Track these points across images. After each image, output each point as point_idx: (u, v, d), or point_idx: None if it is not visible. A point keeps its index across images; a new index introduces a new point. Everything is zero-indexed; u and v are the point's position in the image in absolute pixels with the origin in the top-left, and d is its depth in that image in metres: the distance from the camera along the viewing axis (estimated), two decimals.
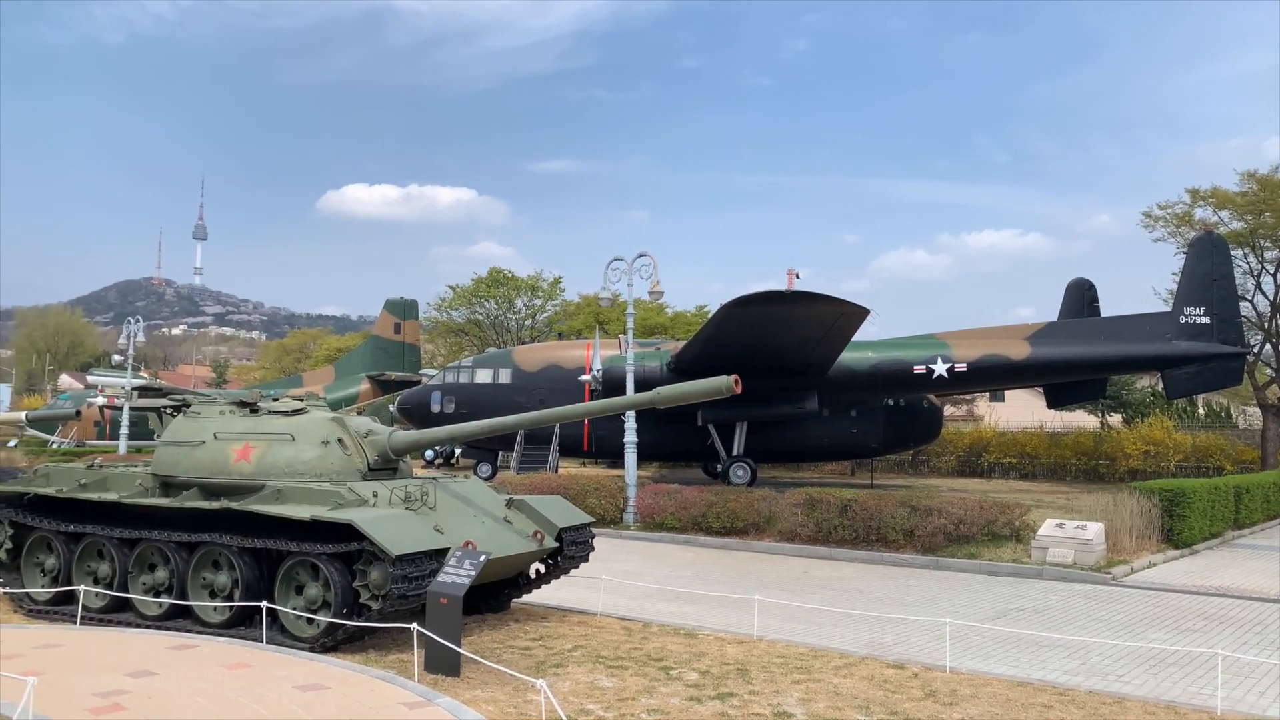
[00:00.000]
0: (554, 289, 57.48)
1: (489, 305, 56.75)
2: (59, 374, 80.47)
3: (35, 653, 8.87)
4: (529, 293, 57.05)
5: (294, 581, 9.72)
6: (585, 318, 50.93)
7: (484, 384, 31.38)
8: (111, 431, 38.60)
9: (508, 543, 10.38)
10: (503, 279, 56.44)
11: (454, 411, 30.45)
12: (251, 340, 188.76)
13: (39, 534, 11.38)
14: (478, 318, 57.22)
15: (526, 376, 31.07)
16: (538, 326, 57.29)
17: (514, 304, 56.85)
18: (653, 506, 20.47)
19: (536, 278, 57.19)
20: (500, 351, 35.60)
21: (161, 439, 11.51)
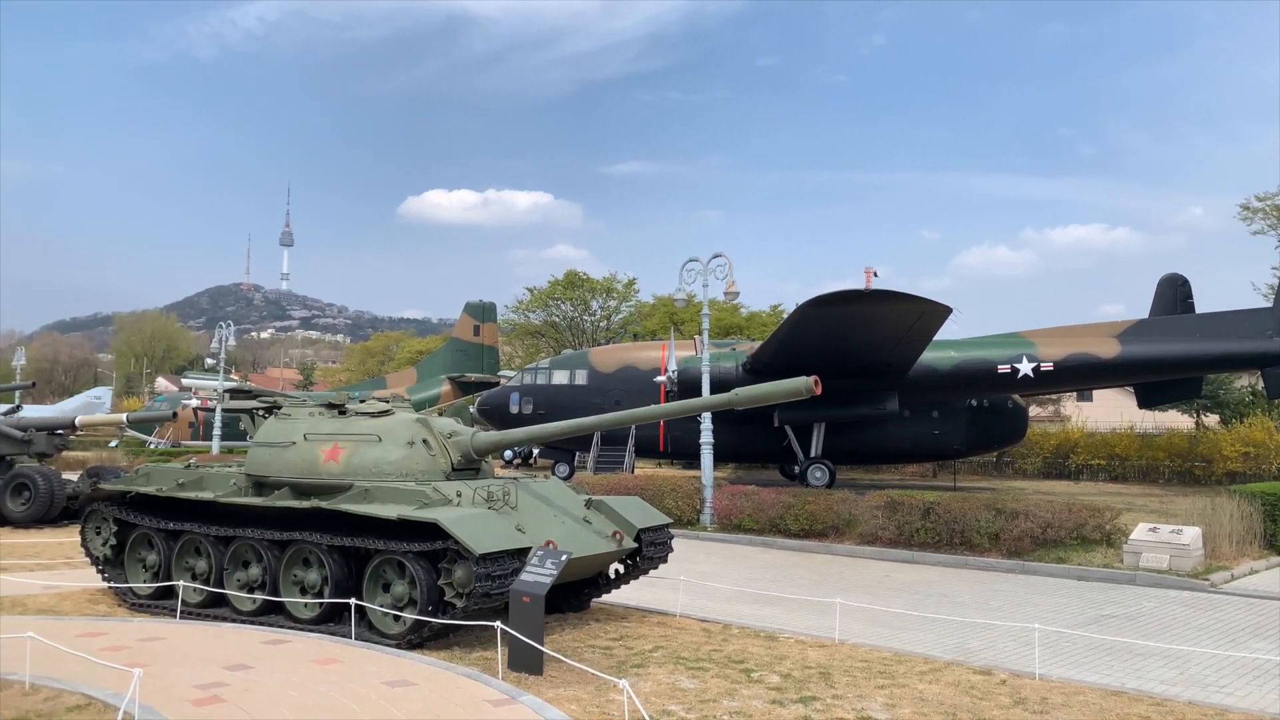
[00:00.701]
0: (628, 290, 57.78)
1: (565, 307, 57.31)
2: (155, 377, 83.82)
3: (139, 645, 9.25)
4: (604, 294, 57.44)
5: (381, 579, 9.95)
6: (660, 319, 51.02)
7: (561, 385, 31.69)
8: (205, 432, 40.08)
9: (587, 543, 10.46)
10: (578, 281, 56.94)
11: (532, 412, 30.82)
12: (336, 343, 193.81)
13: (141, 531, 11.86)
14: (554, 320, 57.84)
15: (603, 378, 31.26)
16: (613, 328, 57.62)
17: (589, 306, 57.31)
18: (730, 508, 20.40)
19: (611, 279, 57.55)
20: (577, 353, 35.87)
21: (254, 440, 11.89)
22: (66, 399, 56.97)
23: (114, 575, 12.05)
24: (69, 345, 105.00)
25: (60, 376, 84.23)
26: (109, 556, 12.12)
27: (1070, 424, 42.13)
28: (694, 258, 22.82)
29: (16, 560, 15.32)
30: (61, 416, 26.52)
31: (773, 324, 45.35)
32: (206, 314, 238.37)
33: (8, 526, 19.95)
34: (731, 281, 22.24)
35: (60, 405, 49.85)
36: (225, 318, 41.24)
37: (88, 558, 12.50)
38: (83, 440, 40.12)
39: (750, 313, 51.18)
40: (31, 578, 13.28)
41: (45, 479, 20.24)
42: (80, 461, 33.46)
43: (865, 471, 35.63)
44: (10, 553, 16.27)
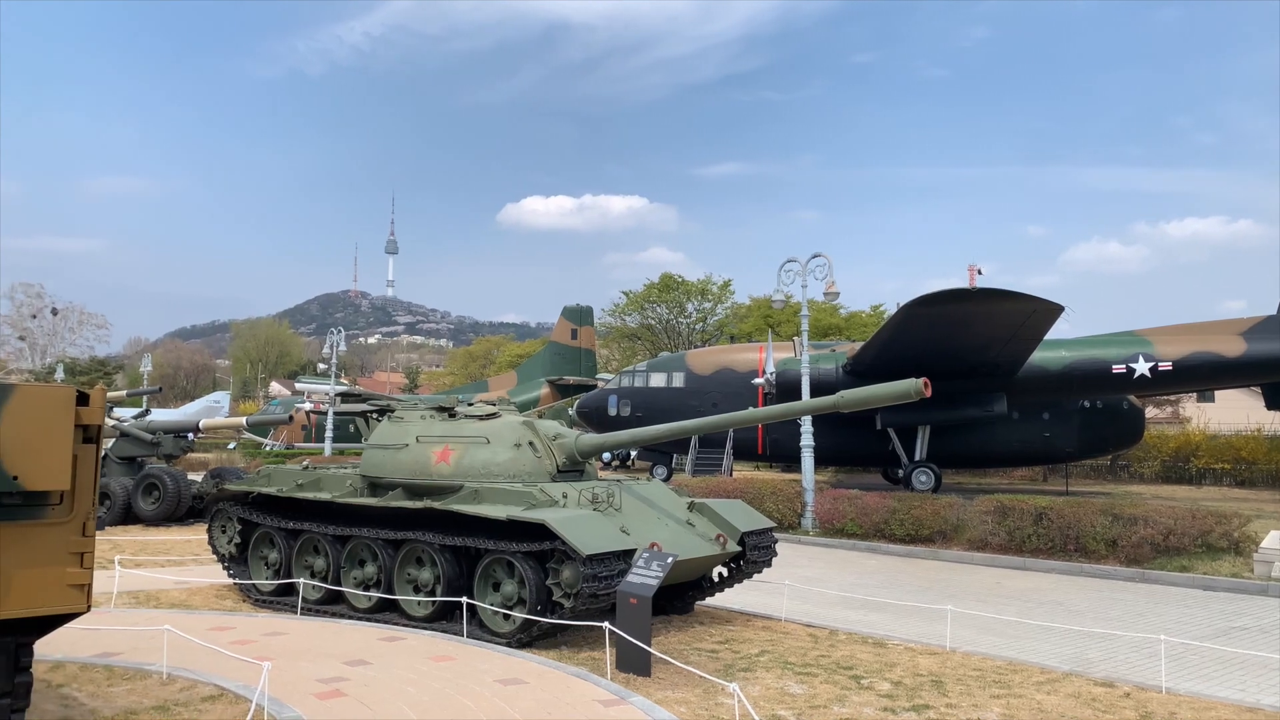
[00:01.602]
0: (724, 292, 57.63)
1: (661, 310, 57.51)
2: (269, 381, 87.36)
3: (264, 639, 9.67)
4: (699, 296, 57.43)
5: (491, 578, 10.17)
6: (756, 320, 50.73)
7: (658, 388, 31.81)
8: (317, 435, 41.56)
9: (691, 545, 10.48)
10: (673, 284, 57.07)
11: (630, 415, 31.02)
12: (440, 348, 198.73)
13: (263, 530, 12.39)
14: (650, 322, 58.11)
15: (700, 380, 31.26)
16: (709, 330, 57.56)
17: (685, 308, 57.37)
18: (832, 512, 20.13)
19: (706, 281, 57.49)
20: (673, 355, 35.95)
21: (368, 442, 12.29)
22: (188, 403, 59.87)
23: (238, 572, 12.61)
24: (189, 352, 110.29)
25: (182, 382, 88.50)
26: (234, 554, 12.69)
27: (1191, 426, 40.22)
28: (792, 258, 22.64)
29: (149, 556, 16.19)
30: (186, 420, 27.91)
31: (873, 324, 44.57)
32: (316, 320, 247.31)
33: (139, 524, 21.08)
34: (831, 281, 21.97)
35: (183, 409, 52.45)
36: (334, 324, 42.78)
37: (214, 555, 13.12)
38: (203, 442, 42.06)
39: (850, 313, 50.43)
40: (163, 573, 14.00)
41: (173, 479, 21.32)
42: (202, 463, 35.12)
43: (971, 475, 34.71)
44: (143, 549, 17.20)
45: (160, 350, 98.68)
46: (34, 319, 55.95)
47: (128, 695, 7.67)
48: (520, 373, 53.13)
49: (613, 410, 31.93)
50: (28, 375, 53.18)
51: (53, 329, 56.67)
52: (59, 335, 57.59)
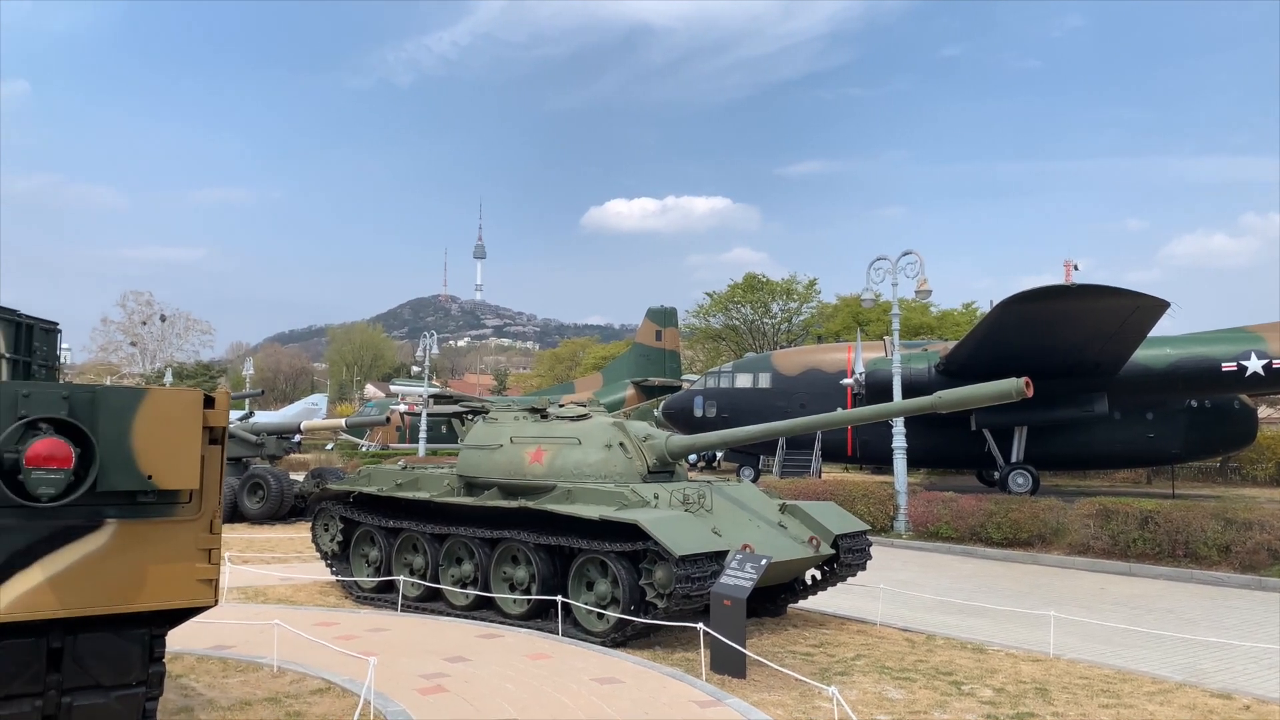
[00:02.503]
0: (809, 291, 57.01)
1: (745, 310, 57.20)
2: (364, 384, 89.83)
3: (367, 635, 9.96)
4: (784, 296, 56.93)
5: (585, 578, 10.28)
6: (843, 319, 50.04)
7: (744, 389, 31.62)
8: (411, 435, 42.56)
9: (784, 547, 10.41)
10: (758, 284, 56.70)
11: (715, 416, 30.93)
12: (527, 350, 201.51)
13: (364, 528, 12.76)
14: (734, 323, 57.85)
15: (786, 381, 30.97)
16: (794, 330, 57.03)
17: (769, 308, 56.95)
18: (926, 514, 19.75)
19: (791, 281, 56.97)
20: (759, 356, 35.72)
21: (464, 443, 12.55)
22: (287, 405, 62.00)
23: (340, 569, 13.01)
24: (288, 355, 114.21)
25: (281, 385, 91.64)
26: (336, 552, 13.09)
27: None
28: (882, 256, 22.30)
29: (255, 553, 16.82)
30: (287, 421, 28.90)
31: (966, 323, 43.55)
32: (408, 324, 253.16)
33: (244, 523, 21.93)
34: (923, 279, 21.56)
35: (283, 411, 54.37)
36: (425, 328, 43.73)
37: (317, 552, 13.56)
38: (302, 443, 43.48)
39: (941, 311, 49.33)
40: (269, 570, 14.54)
41: (276, 479, 22.11)
42: (301, 463, 36.32)
43: (1071, 477, 33.61)
44: (249, 546, 17.88)
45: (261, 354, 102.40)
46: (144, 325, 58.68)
47: (241, 687, 7.99)
48: (605, 374, 53.52)
49: (698, 411, 31.88)
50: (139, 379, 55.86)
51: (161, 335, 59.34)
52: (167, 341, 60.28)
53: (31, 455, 3.73)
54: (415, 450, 36.89)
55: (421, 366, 38.52)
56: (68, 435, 3.86)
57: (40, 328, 6.10)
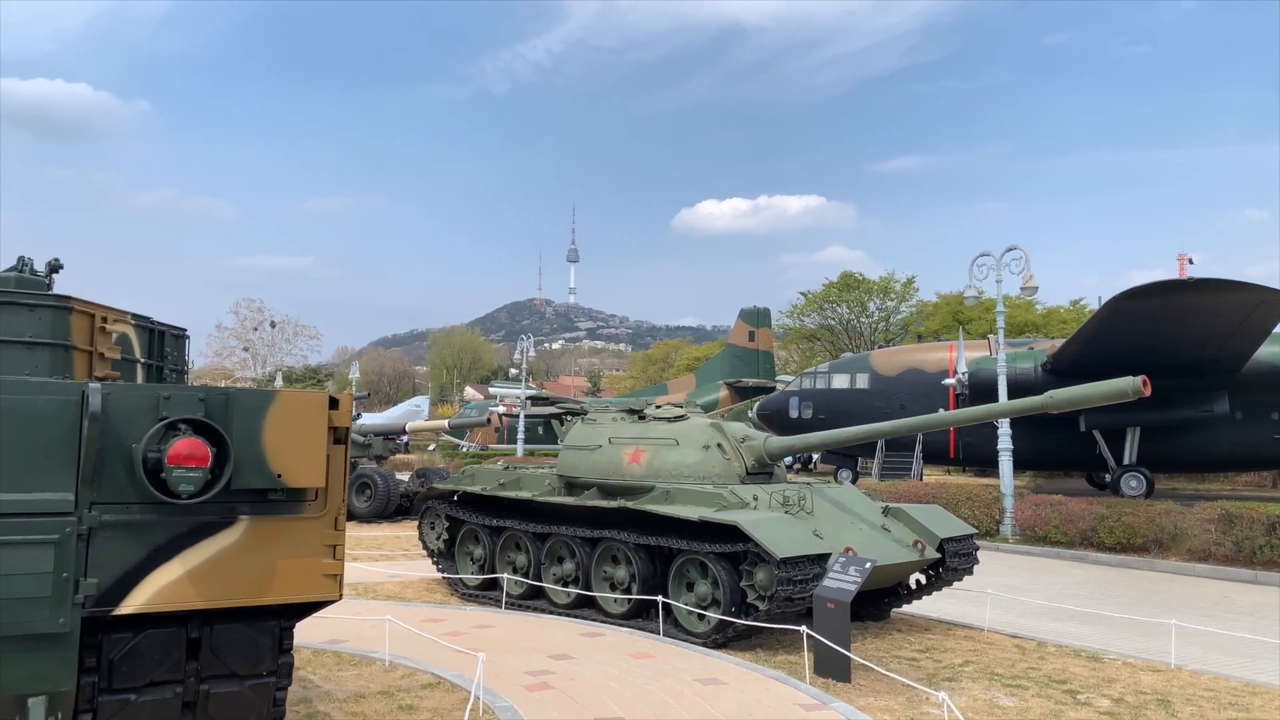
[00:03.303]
0: (907, 290, 55.89)
1: (841, 310, 56.41)
2: (464, 386, 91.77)
3: (473, 631, 10.18)
4: (881, 295, 55.94)
5: (685, 578, 10.30)
6: (943, 318, 48.90)
7: (841, 389, 31.19)
8: (509, 436, 43.31)
9: (888, 551, 10.24)
10: (853, 282, 55.85)
11: (811, 417, 30.57)
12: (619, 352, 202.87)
13: (468, 527, 13.05)
14: (830, 323, 57.10)
15: (885, 381, 30.43)
16: (892, 329, 55.98)
17: (866, 307, 56.03)
18: (1033, 518, 19.15)
19: (889, 279, 55.93)
20: (857, 356, 35.18)
21: (563, 443, 12.73)
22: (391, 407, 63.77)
23: (446, 566, 13.34)
24: (391, 359, 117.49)
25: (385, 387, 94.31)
26: (441, 550, 13.42)
27: None
28: (985, 252, 21.72)
29: (364, 551, 17.37)
30: (392, 423, 29.74)
31: (1073, 321, 42.05)
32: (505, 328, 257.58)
33: (352, 521, 22.66)
34: (1029, 276, 20.91)
35: (388, 413, 55.92)
36: (521, 331, 44.40)
37: (424, 550, 13.93)
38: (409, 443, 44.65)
39: (1047, 309, 47.74)
40: (378, 567, 15.00)
41: (383, 479, 22.79)
42: (405, 463, 37.33)
43: (1188, 480, 32.14)
44: (357, 544, 18.47)
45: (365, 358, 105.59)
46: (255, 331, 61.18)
47: (355, 680, 8.26)
48: (698, 375, 53.48)
49: (794, 412, 31.57)
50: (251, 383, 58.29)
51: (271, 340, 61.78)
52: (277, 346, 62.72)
53: (172, 454, 3.96)
54: (514, 451, 37.52)
55: (519, 369, 39.17)
56: (205, 435, 4.08)
57: (171, 334, 6.43)
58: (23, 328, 4.85)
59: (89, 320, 5.23)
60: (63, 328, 5.00)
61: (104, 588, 3.96)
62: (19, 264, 5.71)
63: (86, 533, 3.95)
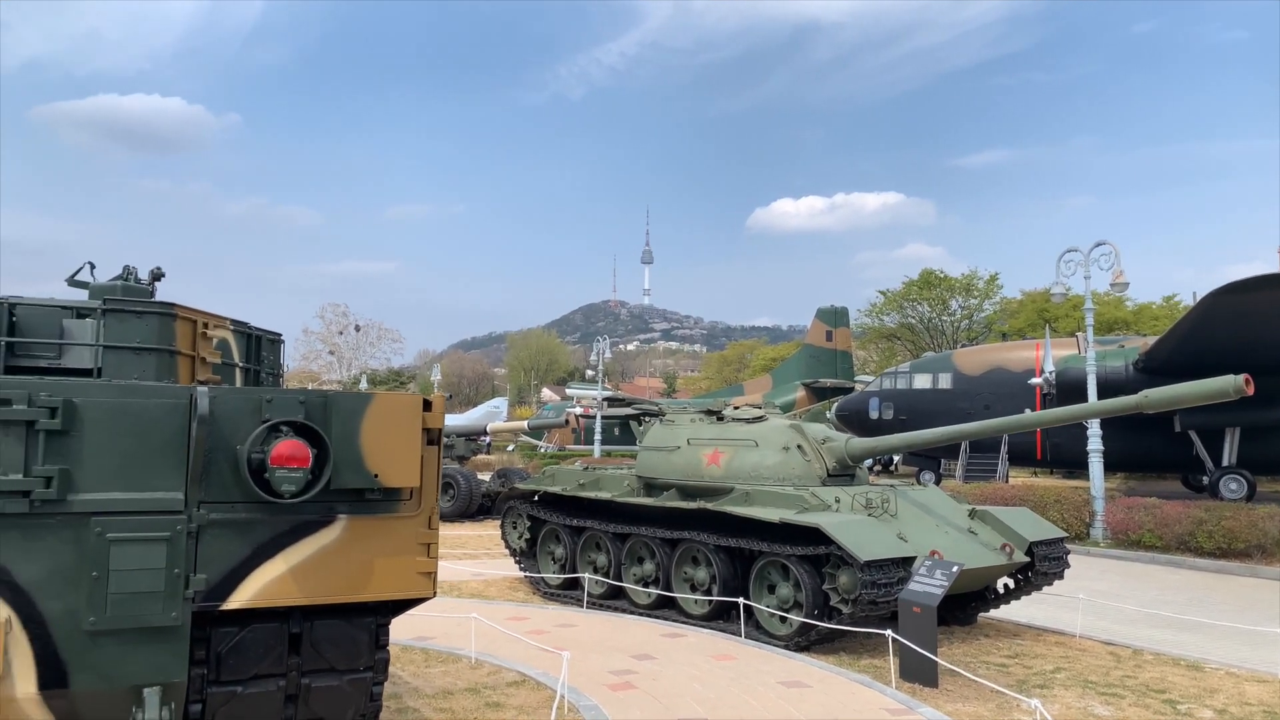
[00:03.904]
0: (990, 287, 54.52)
1: (921, 308, 55.33)
2: (541, 388, 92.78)
3: (555, 630, 10.30)
4: (964, 293, 54.69)
5: (766, 580, 10.25)
6: (1028, 316, 47.61)
7: (923, 389, 30.63)
8: (585, 437, 43.63)
9: (975, 554, 10.03)
10: (934, 280, 54.72)
11: (892, 418, 30.09)
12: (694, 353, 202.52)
13: (549, 527, 13.20)
14: (910, 321, 56.07)
15: (968, 380, 29.77)
16: (975, 328, 54.70)
17: (948, 305, 54.85)
18: (1126, 521, 18.53)
19: (971, 276, 54.64)
20: (939, 355, 34.48)
21: (642, 444, 12.77)
22: (471, 408, 64.81)
23: (528, 566, 13.51)
24: (470, 361, 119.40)
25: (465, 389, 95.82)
26: (523, 549, 13.60)
27: None
28: (1072, 247, 21.13)
29: (447, 549, 17.69)
30: (473, 424, 30.22)
31: (1166, 317, 40.56)
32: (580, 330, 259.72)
33: None
34: (1119, 271, 20.28)
35: (468, 414, 56.83)
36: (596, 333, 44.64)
37: (506, 549, 14.13)
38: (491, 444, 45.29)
39: (1138, 305, 46.12)
40: (461, 565, 15.26)
41: (465, 479, 23.19)
42: (485, 464, 37.89)
43: None
44: (441, 543, 18.74)
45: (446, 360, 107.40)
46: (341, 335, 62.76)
47: (443, 677, 8.43)
48: (775, 376, 53.00)
49: (874, 413, 31.11)
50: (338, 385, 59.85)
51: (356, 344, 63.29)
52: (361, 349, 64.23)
53: (275, 455, 4.12)
54: (591, 451, 37.78)
55: (595, 370, 39.42)
56: (305, 437, 4.23)
57: (267, 339, 6.66)
58: (131, 334, 5.07)
59: (191, 326, 5.44)
60: (168, 333, 5.22)
61: (212, 583, 4.14)
62: (124, 273, 5.99)
63: (195, 530, 4.14)
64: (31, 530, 3.92)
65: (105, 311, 5.03)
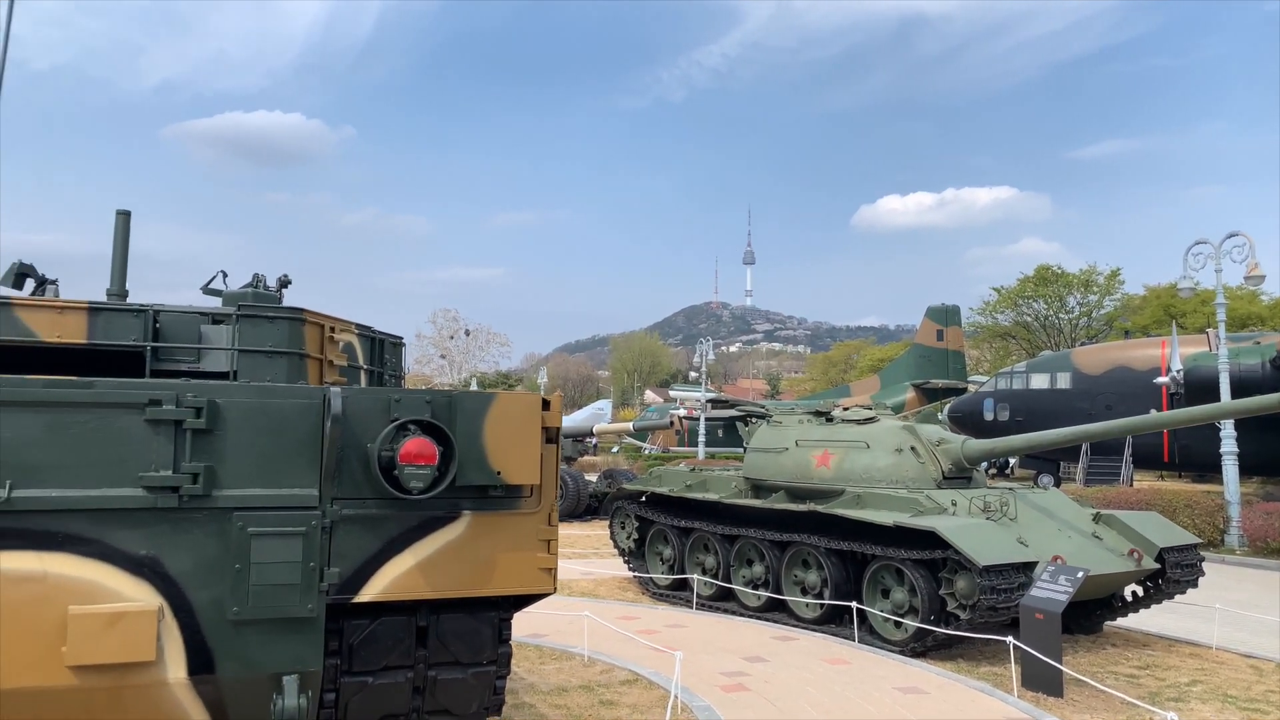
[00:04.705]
0: (1111, 283, 52.24)
1: (1037, 306, 53.42)
2: (644, 390, 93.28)
3: (666, 630, 10.33)
4: (1082, 289, 52.56)
5: (879, 584, 10.06)
6: (1152, 312, 45.49)
7: (1040, 389, 29.62)
8: (689, 439, 43.66)
9: (1101, 560, 9.63)
10: (1051, 276, 52.74)
11: (1008, 419, 29.17)
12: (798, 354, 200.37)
13: (657, 527, 13.25)
14: (1025, 320, 54.20)
15: (1089, 380, 28.63)
16: (1095, 325, 52.53)
17: (1066, 302, 52.82)
18: (1265, 528, 17.51)
19: (1090, 272, 52.46)
20: (1057, 354, 33.26)
21: (749, 446, 12.71)
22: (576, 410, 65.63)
23: (637, 566, 13.60)
24: (575, 364, 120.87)
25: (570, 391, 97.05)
26: (632, 549, 13.70)
27: None
28: (1201, 239, 20.09)
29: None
30: (579, 425, 30.58)
31: None
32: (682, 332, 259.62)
33: None
34: (1254, 264, 19.20)
35: (573, 416, 57.51)
36: (698, 335, 44.60)
37: (615, 549, 14.25)
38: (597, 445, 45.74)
39: (1274, 299, 43.51)
40: (571, 564, 15.46)
41: (573, 479, 23.50)
42: (590, 465, 38.29)
43: None
44: None
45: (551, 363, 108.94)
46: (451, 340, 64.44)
47: (557, 674, 8.56)
48: (883, 377, 51.92)
49: (989, 414, 30.22)
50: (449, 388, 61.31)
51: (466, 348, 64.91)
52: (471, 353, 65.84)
53: (404, 453, 4.27)
54: (694, 453, 37.77)
55: (698, 372, 39.40)
56: (432, 435, 4.37)
57: (389, 342, 6.89)
58: (263, 338, 5.32)
59: (319, 330, 5.68)
60: (297, 337, 5.46)
61: (345, 577, 4.31)
62: (254, 280, 6.28)
63: (329, 526, 4.31)
64: (180, 524, 4.16)
65: (239, 317, 5.28)
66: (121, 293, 6.03)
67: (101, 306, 5.12)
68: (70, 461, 4.05)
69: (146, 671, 4.07)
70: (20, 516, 3.97)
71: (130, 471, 4.11)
